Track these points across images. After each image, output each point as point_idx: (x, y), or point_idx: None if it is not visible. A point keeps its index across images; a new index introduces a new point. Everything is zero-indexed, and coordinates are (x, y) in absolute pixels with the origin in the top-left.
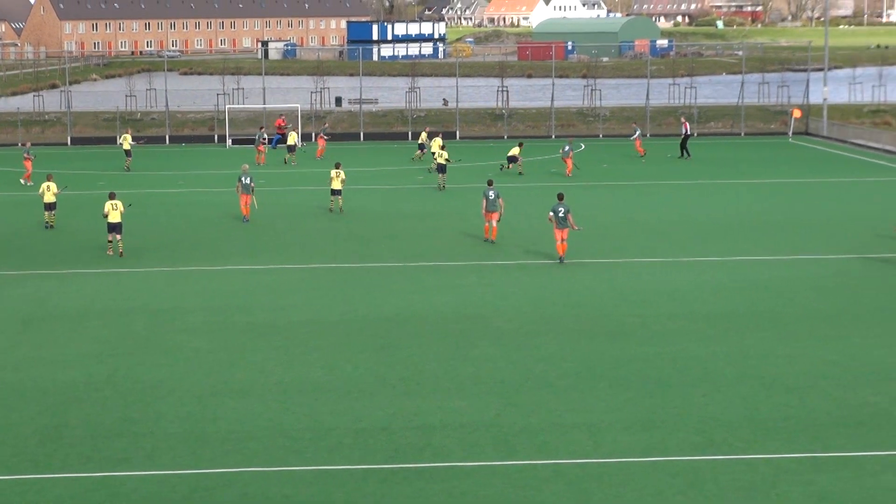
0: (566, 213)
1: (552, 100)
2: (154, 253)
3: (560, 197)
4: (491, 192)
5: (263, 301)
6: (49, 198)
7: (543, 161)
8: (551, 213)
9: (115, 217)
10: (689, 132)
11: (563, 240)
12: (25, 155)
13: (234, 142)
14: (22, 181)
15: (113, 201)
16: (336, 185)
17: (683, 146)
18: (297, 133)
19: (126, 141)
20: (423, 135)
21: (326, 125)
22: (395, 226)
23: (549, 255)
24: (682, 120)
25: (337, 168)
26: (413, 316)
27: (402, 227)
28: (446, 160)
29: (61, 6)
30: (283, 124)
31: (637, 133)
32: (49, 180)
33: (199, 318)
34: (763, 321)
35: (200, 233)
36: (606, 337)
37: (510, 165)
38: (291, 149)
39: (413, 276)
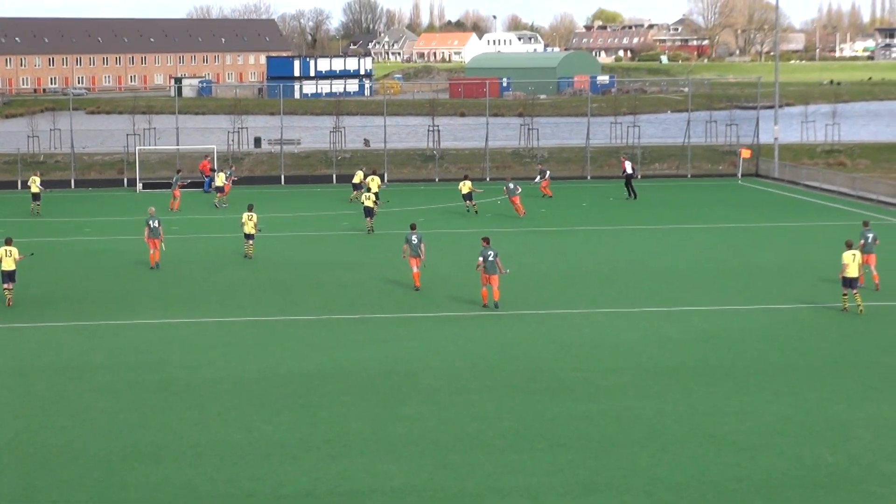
0: (495, 256)
1: (486, 140)
2: (58, 305)
3: (486, 241)
4: (414, 237)
5: (177, 357)
6: None
7: (479, 205)
8: (480, 259)
9: (8, 265)
10: (630, 171)
11: (494, 286)
12: None
13: (145, 185)
14: None
15: (7, 247)
16: (248, 229)
17: (628, 186)
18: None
19: (34, 184)
20: (359, 173)
21: (233, 167)
22: (318, 275)
23: (480, 305)
24: (623, 159)
25: (249, 211)
26: (338, 372)
27: (325, 277)
28: (374, 202)
29: None
30: (209, 166)
31: (545, 175)
32: None
33: (107, 377)
34: (712, 375)
35: (109, 283)
36: (546, 393)
37: (472, 202)
38: (220, 189)
39: (337, 330)
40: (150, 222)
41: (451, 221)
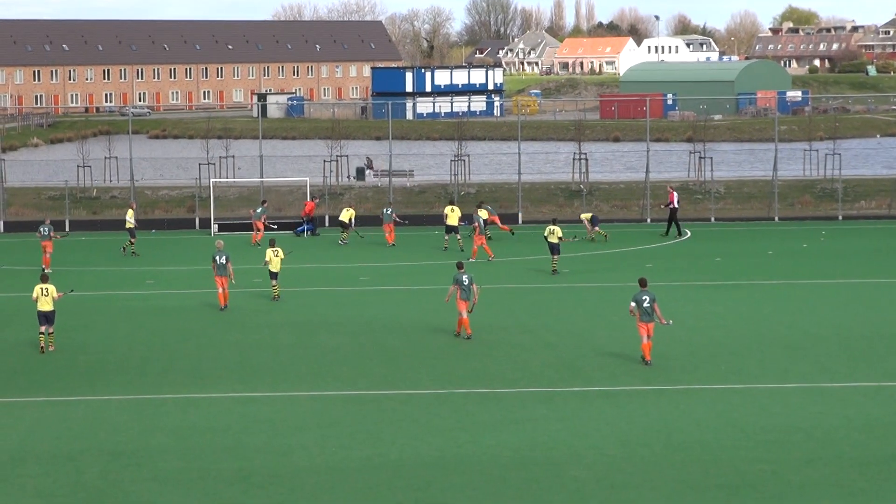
0: (652, 301)
1: (647, 171)
2: (114, 375)
3: (643, 283)
4: (465, 278)
5: (260, 441)
6: None
7: (634, 252)
8: (633, 304)
9: (45, 304)
10: (676, 205)
11: (648, 336)
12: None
13: (221, 227)
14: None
15: (44, 285)
16: (275, 266)
17: (673, 221)
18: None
19: (130, 216)
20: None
21: (265, 204)
22: (434, 340)
23: (640, 375)
24: (670, 189)
25: (272, 246)
26: (461, 461)
27: (443, 342)
28: (559, 238)
29: None
30: (313, 207)
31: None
32: None
33: (174, 464)
34: None
35: (175, 348)
36: (723, 491)
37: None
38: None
39: (460, 407)
40: (217, 258)
41: (608, 272)
